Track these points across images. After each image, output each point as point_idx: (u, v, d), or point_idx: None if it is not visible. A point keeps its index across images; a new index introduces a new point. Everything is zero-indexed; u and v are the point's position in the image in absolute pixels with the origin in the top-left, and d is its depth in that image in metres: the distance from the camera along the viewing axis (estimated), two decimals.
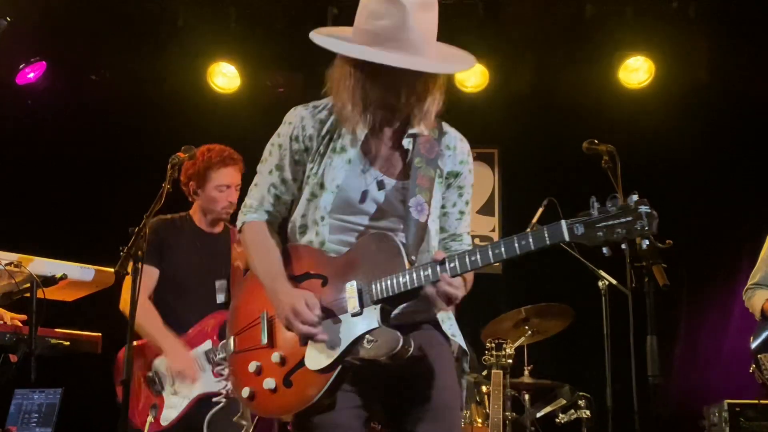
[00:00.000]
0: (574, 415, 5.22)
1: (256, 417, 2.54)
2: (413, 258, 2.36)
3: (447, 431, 2.44)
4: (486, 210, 6.76)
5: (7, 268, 3.65)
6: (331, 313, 2.37)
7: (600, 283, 4.70)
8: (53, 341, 3.86)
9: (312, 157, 2.51)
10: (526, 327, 5.21)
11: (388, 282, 2.31)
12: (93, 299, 4.16)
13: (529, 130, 6.55)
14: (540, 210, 4.87)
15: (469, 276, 2.43)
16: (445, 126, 2.62)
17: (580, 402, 5.23)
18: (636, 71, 6.26)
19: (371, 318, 2.31)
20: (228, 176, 4.11)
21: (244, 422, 2.51)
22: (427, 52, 2.36)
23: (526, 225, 4.80)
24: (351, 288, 2.35)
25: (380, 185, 2.48)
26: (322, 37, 2.45)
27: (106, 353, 4.09)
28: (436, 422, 2.40)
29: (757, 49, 6.03)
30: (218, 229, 4.23)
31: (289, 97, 6.70)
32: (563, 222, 2.15)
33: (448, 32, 2.55)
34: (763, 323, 4.62)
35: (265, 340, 2.48)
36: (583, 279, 4.89)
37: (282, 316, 2.39)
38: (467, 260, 2.25)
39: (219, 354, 2.53)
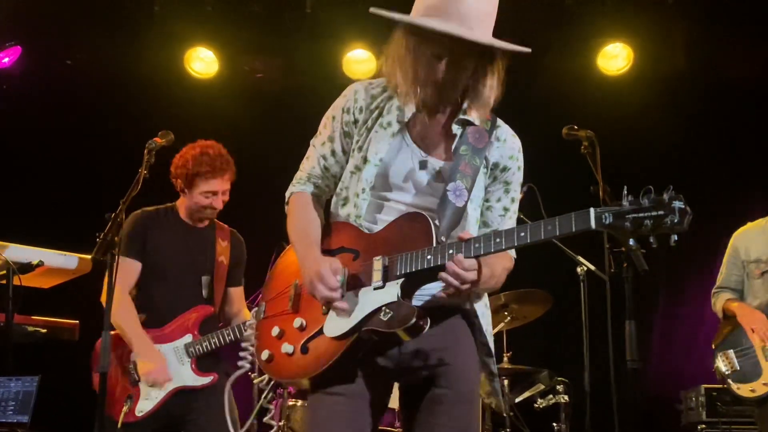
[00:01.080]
0: (553, 400, 5.26)
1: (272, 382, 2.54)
2: (443, 239, 2.34)
3: (460, 426, 2.43)
4: None
5: None
6: (356, 286, 2.38)
7: (578, 269, 4.72)
8: (30, 329, 3.86)
9: (359, 129, 2.52)
10: (506, 312, 5.23)
11: (413, 258, 2.30)
12: (70, 286, 4.14)
13: (509, 115, 6.53)
14: (520, 195, 4.86)
15: (496, 266, 2.41)
16: (499, 120, 2.59)
17: (558, 387, 5.26)
18: (615, 58, 6.29)
19: (392, 292, 2.30)
20: (216, 185, 4.07)
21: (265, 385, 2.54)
22: (479, 29, 2.33)
23: None
24: (377, 262, 2.36)
25: (423, 165, 2.46)
26: (379, 10, 2.40)
27: (83, 341, 4.07)
28: (450, 419, 2.40)
29: (732, 36, 6.09)
30: (204, 223, 4.20)
31: (268, 83, 6.70)
32: (592, 210, 2.11)
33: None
34: (724, 323, 4.69)
35: (290, 307, 2.50)
36: (562, 265, 4.91)
37: (307, 281, 2.39)
38: (492, 242, 2.22)
39: (249, 321, 2.54)
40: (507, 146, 2.58)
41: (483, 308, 2.54)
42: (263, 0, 6.17)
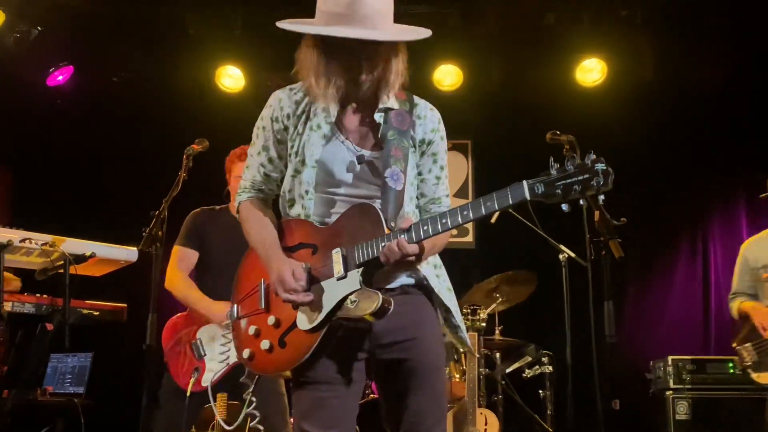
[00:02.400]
0: (539, 371, 5.27)
1: (256, 377, 2.50)
2: (392, 225, 2.27)
3: (431, 392, 2.38)
4: (461, 194, 6.77)
5: (44, 247, 3.63)
6: (320, 279, 2.30)
7: (560, 256, 4.71)
8: (84, 311, 3.85)
9: (291, 135, 2.41)
10: (497, 294, 5.23)
11: (369, 247, 2.23)
12: (119, 274, 4.14)
13: (498, 123, 6.54)
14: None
15: (438, 241, 2.33)
16: (416, 98, 2.50)
17: (543, 359, 5.27)
18: (591, 71, 6.25)
19: (354, 281, 2.24)
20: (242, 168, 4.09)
21: (249, 381, 2.50)
22: (381, 26, 2.27)
23: None
24: (336, 254, 2.28)
25: (360, 159, 2.38)
26: (285, 23, 2.37)
27: (130, 322, 4.08)
28: (422, 387, 2.36)
29: (695, 48, 6.06)
30: None
31: None
32: (525, 182, 2.05)
33: (426, 39, 2.43)
34: (743, 323, 4.67)
35: (262, 306, 2.42)
36: (546, 253, 4.90)
37: (273, 283, 2.34)
38: (438, 223, 2.15)
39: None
40: (428, 121, 2.47)
41: (431, 269, 2.45)
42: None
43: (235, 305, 2.53)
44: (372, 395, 4.70)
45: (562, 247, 4.74)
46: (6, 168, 6.85)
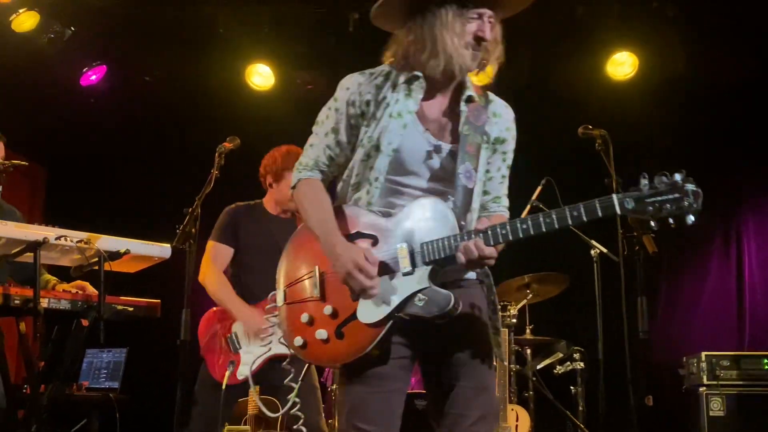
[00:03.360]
0: (570, 367, 5.23)
1: (305, 365, 2.48)
2: (462, 222, 2.21)
3: (478, 385, 2.31)
4: None
5: (79, 244, 3.67)
6: (383, 272, 2.22)
7: (592, 252, 4.68)
8: (119, 307, 3.88)
9: (368, 121, 2.33)
10: (528, 291, 5.20)
11: (440, 244, 2.16)
12: (153, 271, 4.19)
13: (529, 117, 6.47)
14: (539, 188, 4.84)
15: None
16: (491, 95, 2.46)
17: (575, 355, 5.23)
18: (622, 65, 6.17)
19: (422, 278, 2.17)
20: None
21: (290, 367, 2.49)
22: None
23: (525, 201, 4.79)
24: (402, 249, 2.20)
25: (437, 149, 2.32)
26: None
27: (164, 317, 4.12)
28: (469, 379, 2.30)
29: (727, 44, 5.96)
30: (287, 215, 4.22)
31: (317, 93, 6.69)
32: (615, 196, 2.01)
33: None
34: None
35: (316, 293, 2.32)
36: (578, 248, 4.87)
37: (342, 270, 2.21)
38: (519, 229, 2.11)
39: (270, 305, 2.44)
40: (503, 120, 2.45)
41: (483, 273, 2.41)
42: (312, 21, 6.16)
43: (282, 290, 2.43)
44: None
45: (594, 243, 4.70)
46: (41, 166, 6.97)
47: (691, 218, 2.01)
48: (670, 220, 1.99)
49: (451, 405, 2.30)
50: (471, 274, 2.37)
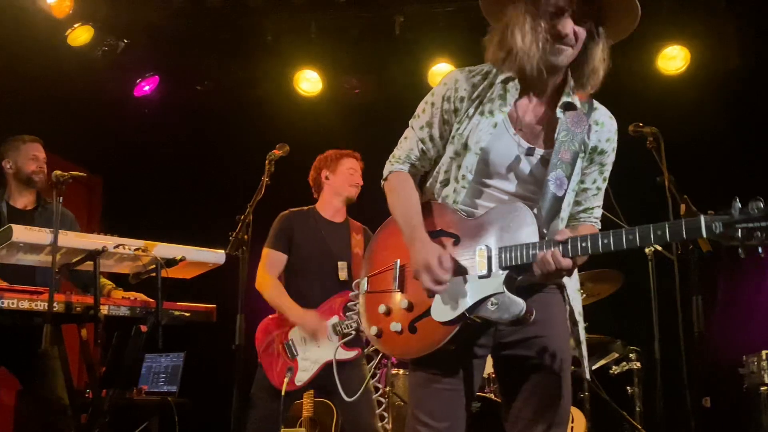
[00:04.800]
0: (626, 367, 5.15)
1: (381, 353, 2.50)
2: (544, 231, 2.14)
3: (553, 394, 2.26)
4: None
5: (136, 252, 3.77)
6: (459, 272, 2.19)
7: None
8: (176, 313, 3.97)
9: (460, 118, 2.28)
10: (581, 290, 5.13)
11: (518, 251, 2.11)
12: (208, 276, 4.26)
13: None
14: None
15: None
16: (596, 103, 2.35)
17: (631, 355, 5.15)
18: (673, 59, 6.07)
19: (497, 283, 2.12)
20: (354, 164, 4.25)
21: (374, 354, 2.53)
22: None
23: None
24: (481, 251, 2.16)
25: (529, 153, 2.25)
26: None
27: (220, 322, 4.19)
28: (544, 387, 2.26)
29: None
30: (339, 219, 4.27)
31: (364, 97, 6.74)
32: (702, 218, 1.91)
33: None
34: None
35: (395, 286, 2.32)
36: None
37: (415, 266, 2.21)
38: (599, 243, 2.02)
39: (353, 293, 2.48)
40: (605, 129, 2.33)
41: (572, 281, 2.35)
42: (358, 26, 6.20)
43: (365, 278, 2.44)
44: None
45: None
46: (98, 176, 7.15)
47: None
48: (759, 249, 1.89)
49: (522, 410, 2.29)
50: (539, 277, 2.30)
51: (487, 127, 2.25)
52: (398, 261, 2.35)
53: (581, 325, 2.38)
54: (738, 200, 1.91)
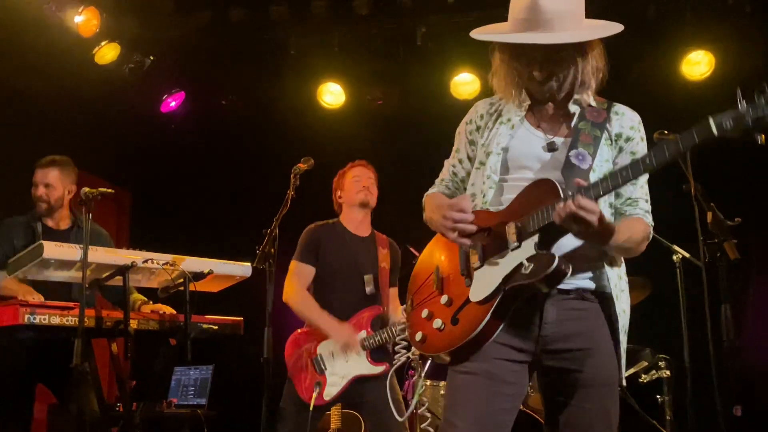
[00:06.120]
0: (656, 375, 5.10)
1: (427, 362, 2.51)
2: (570, 193, 2.10)
3: (597, 409, 2.24)
4: None
5: (165, 267, 3.82)
6: (493, 253, 2.22)
7: (674, 257, 4.56)
8: (204, 326, 4.01)
9: (482, 132, 2.43)
10: None
11: (543, 213, 2.12)
12: (235, 289, 4.30)
13: None
14: None
15: (633, 229, 2.24)
16: (615, 102, 2.42)
17: (660, 363, 5.09)
18: (697, 64, 6.01)
19: (529, 247, 2.14)
20: (358, 171, 4.28)
21: (419, 367, 2.54)
22: (562, 28, 2.21)
23: None
24: (510, 227, 2.19)
25: (550, 146, 2.31)
26: (476, 32, 2.39)
27: (247, 334, 4.22)
28: (588, 402, 2.23)
29: None
30: (365, 233, 4.29)
31: (387, 107, 6.77)
32: (711, 118, 1.93)
33: None
34: None
35: (435, 288, 2.38)
36: (659, 253, 4.75)
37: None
38: (619, 175, 2.04)
39: (401, 318, 2.52)
40: (626, 117, 2.37)
41: (616, 278, 2.31)
42: (380, 37, 6.23)
43: (409, 300, 2.50)
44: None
45: (676, 248, 4.59)
46: (126, 191, 7.24)
47: None
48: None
49: (567, 424, 2.27)
50: (587, 284, 2.27)
51: (506, 130, 2.37)
52: (438, 267, 2.41)
53: (623, 344, 2.32)
54: (740, 92, 1.93)
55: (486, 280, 2.21)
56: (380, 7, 5.94)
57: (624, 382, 2.35)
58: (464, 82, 6.32)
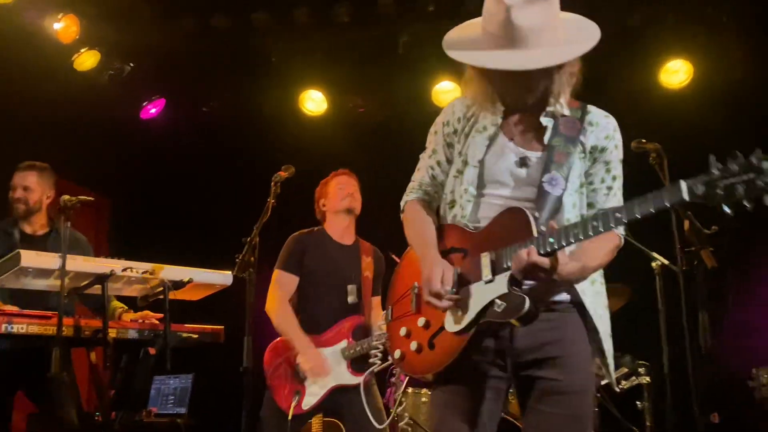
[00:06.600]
0: (636, 381, 5.12)
1: (407, 378, 2.54)
2: (542, 229, 2.14)
3: (571, 416, 2.26)
4: None
5: (144, 275, 3.79)
6: (468, 282, 2.24)
7: (653, 264, 4.59)
8: (184, 335, 3.99)
9: (459, 137, 2.42)
10: None
11: (516, 250, 2.13)
12: (215, 298, 4.28)
13: None
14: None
15: (590, 256, 2.22)
16: (589, 106, 2.40)
17: (640, 370, 5.12)
18: (676, 73, 6.08)
19: (501, 285, 2.15)
20: (342, 180, 4.28)
21: (398, 382, 2.55)
22: (537, 43, 2.18)
23: None
24: (485, 258, 2.21)
25: (523, 161, 2.31)
26: (453, 51, 2.34)
27: (228, 343, 4.20)
28: (561, 409, 2.25)
29: None
30: (349, 241, 4.29)
31: (369, 115, 6.78)
32: (682, 182, 1.88)
33: None
34: None
35: (413, 308, 2.41)
36: (639, 260, 4.79)
37: (422, 285, 2.32)
38: (589, 226, 2.02)
39: (380, 322, 2.54)
40: (601, 128, 2.35)
41: (588, 285, 2.32)
42: (362, 45, 6.24)
43: (389, 308, 2.53)
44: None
45: (656, 255, 4.62)
46: (106, 199, 7.19)
47: None
48: (745, 203, 1.81)
49: (539, 430, 2.30)
50: (563, 296, 2.31)
51: (482, 141, 2.36)
52: (416, 284, 2.42)
53: (606, 344, 2.35)
54: (714, 157, 1.87)
55: (461, 312, 2.24)
56: (362, 15, 5.96)
57: (618, 388, 2.37)
58: (446, 90, 6.34)
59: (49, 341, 3.46)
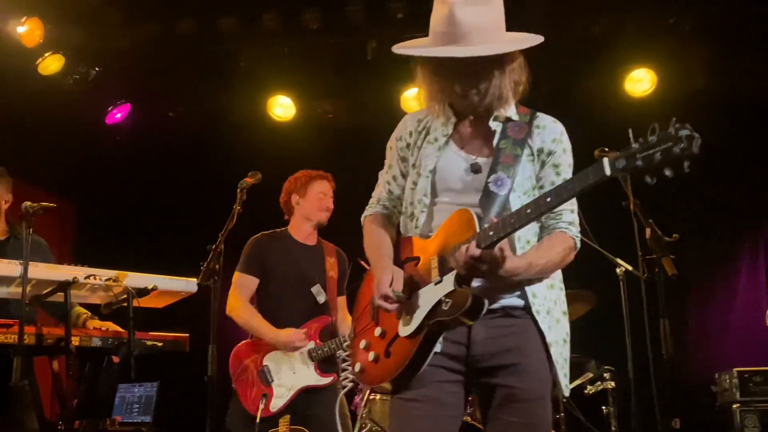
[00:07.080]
0: (601, 386, 5.17)
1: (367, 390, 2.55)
2: (486, 226, 2.16)
3: (529, 423, 2.28)
4: None
5: (108, 282, 3.75)
6: (419, 286, 2.29)
7: (618, 270, 4.64)
8: (148, 342, 3.95)
9: (412, 150, 2.47)
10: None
11: (459, 249, 2.16)
12: (180, 305, 4.24)
13: None
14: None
15: (538, 255, 2.26)
16: (539, 113, 2.44)
17: (605, 375, 5.17)
18: (640, 81, 6.17)
19: (448, 283, 2.19)
20: (325, 187, 4.25)
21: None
22: (481, 41, 2.23)
23: None
24: (434, 261, 2.27)
25: (474, 167, 2.35)
26: (399, 46, 2.40)
27: (193, 351, 4.16)
28: (519, 416, 2.27)
29: (746, 57, 5.93)
30: (312, 242, 4.28)
31: (337, 122, 6.78)
32: (605, 159, 1.94)
33: None
34: None
35: (372, 319, 2.44)
36: (603, 266, 4.84)
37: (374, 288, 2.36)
38: (524, 213, 2.07)
39: (346, 343, 2.56)
40: (548, 131, 2.39)
41: (543, 289, 2.34)
42: (331, 51, 6.24)
43: (353, 324, 2.56)
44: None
45: (619, 261, 4.67)
46: (70, 203, 7.10)
47: (686, 164, 1.87)
48: (666, 171, 1.87)
49: None
50: (514, 301, 2.32)
51: (433, 151, 2.42)
52: (374, 297, 2.41)
53: (557, 355, 2.34)
54: (632, 131, 1.93)
55: (411, 315, 2.28)
56: (331, 21, 5.96)
57: (567, 393, 2.39)
58: (414, 97, 6.36)
59: (9, 350, 3.40)
